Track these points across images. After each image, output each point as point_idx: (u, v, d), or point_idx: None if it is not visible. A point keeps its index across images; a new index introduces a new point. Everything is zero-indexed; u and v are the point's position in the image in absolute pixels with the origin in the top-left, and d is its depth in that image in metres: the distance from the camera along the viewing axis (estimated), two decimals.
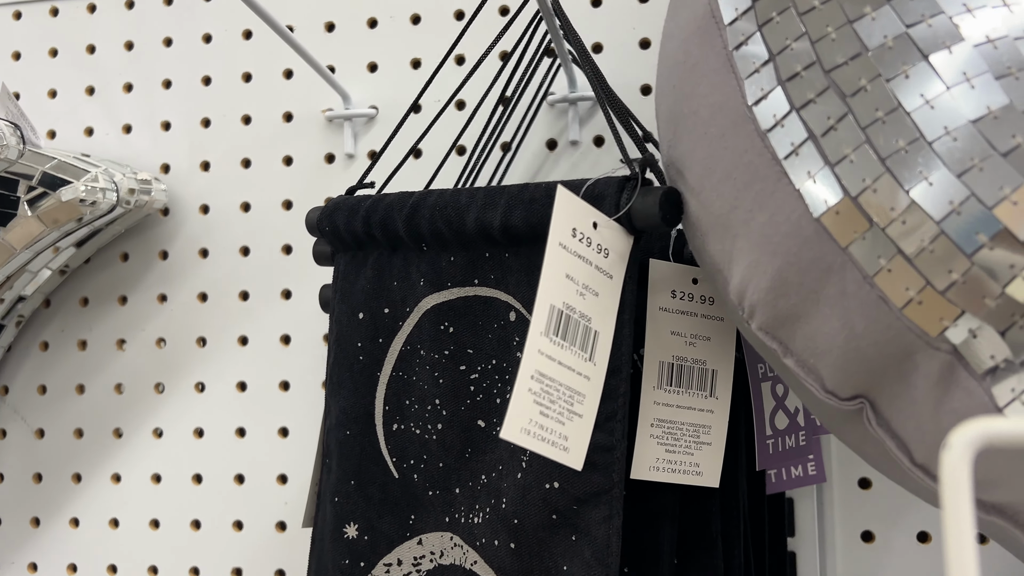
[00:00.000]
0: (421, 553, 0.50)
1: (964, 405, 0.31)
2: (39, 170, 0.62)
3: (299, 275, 0.72)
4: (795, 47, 0.34)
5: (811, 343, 0.35)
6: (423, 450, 0.50)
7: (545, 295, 0.38)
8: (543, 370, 0.38)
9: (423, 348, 0.51)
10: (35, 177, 0.62)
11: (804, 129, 0.33)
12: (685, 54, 0.39)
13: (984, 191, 0.29)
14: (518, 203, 0.46)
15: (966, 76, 0.31)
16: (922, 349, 0.31)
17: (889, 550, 0.61)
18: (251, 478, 0.71)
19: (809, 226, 0.33)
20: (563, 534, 0.43)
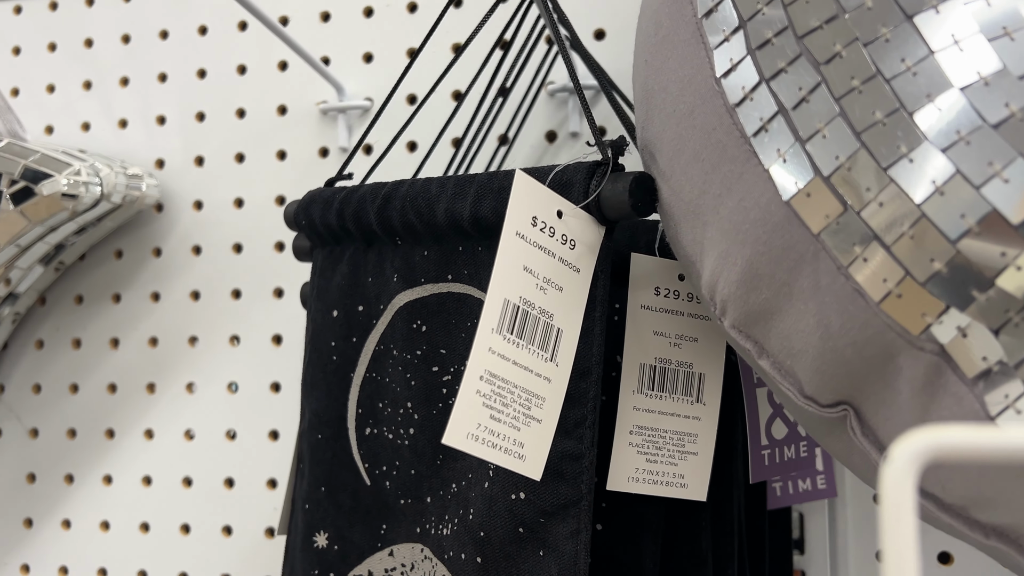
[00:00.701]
0: (392, 565, 0.47)
1: (953, 414, 0.27)
2: (21, 164, 0.61)
3: (291, 273, 0.69)
4: (767, 12, 0.30)
5: (786, 342, 0.31)
6: (395, 456, 0.48)
7: (498, 288, 0.34)
8: (494, 370, 0.34)
9: (395, 348, 0.48)
10: (17, 171, 0.61)
11: (774, 102, 0.29)
12: (656, 25, 0.36)
13: (971, 168, 0.25)
14: (487, 192, 0.43)
15: (954, 38, 0.27)
16: (905, 349, 0.28)
17: None
18: (240, 482, 0.69)
19: (779, 211, 0.29)
20: (530, 549, 0.40)
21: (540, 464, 0.36)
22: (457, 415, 0.33)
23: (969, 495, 0.29)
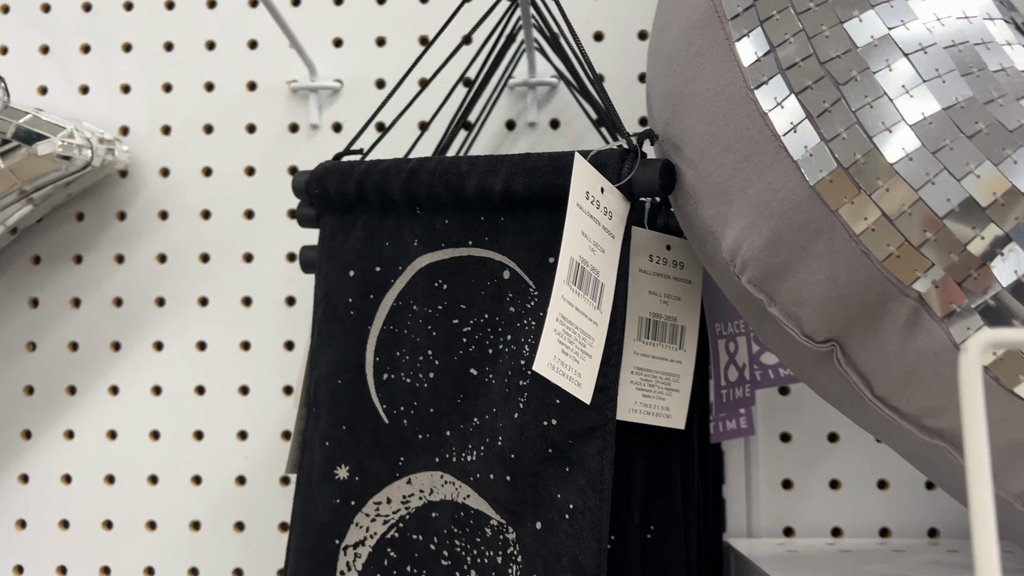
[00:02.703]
0: (410, 492, 0.54)
1: (926, 343, 0.38)
2: (13, 124, 0.63)
3: (261, 239, 0.74)
4: (793, 41, 0.40)
5: (796, 293, 0.41)
6: (414, 397, 0.55)
7: (568, 248, 0.43)
8: (565, 314, 0.43)
9: (416, 304, 0.55)
10: (9, 131, 0.62)
11: (802, 110, 0.39)
12: (687, 44, 0.45)
13: (954, 166, 0.36)
14: (520, 171, 0.50)
15: (938, 72, 0.37)
16: (895, 296, 0.38)
17: (805, 495, 0.69)
18: (210, 434, 0.73)
19: (804, 192, 0.39)
20: (557, 466, 0.48)
21: (590, 391, 0.45)
22: (543, 350, 0.41)
23: (925, 406, 0.40)
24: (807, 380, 0.46)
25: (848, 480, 0.68)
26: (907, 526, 0.68)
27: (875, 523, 0.68)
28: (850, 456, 0.69)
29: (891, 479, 0.68)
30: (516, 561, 0.50)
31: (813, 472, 0.69)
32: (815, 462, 0.69)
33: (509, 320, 0.52)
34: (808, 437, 0.69)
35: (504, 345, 0.52)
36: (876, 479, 0.68)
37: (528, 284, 0.51)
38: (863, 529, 0.68)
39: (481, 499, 0.51)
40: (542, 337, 0.41)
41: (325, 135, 0.74)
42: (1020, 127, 0.37)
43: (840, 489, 0.69)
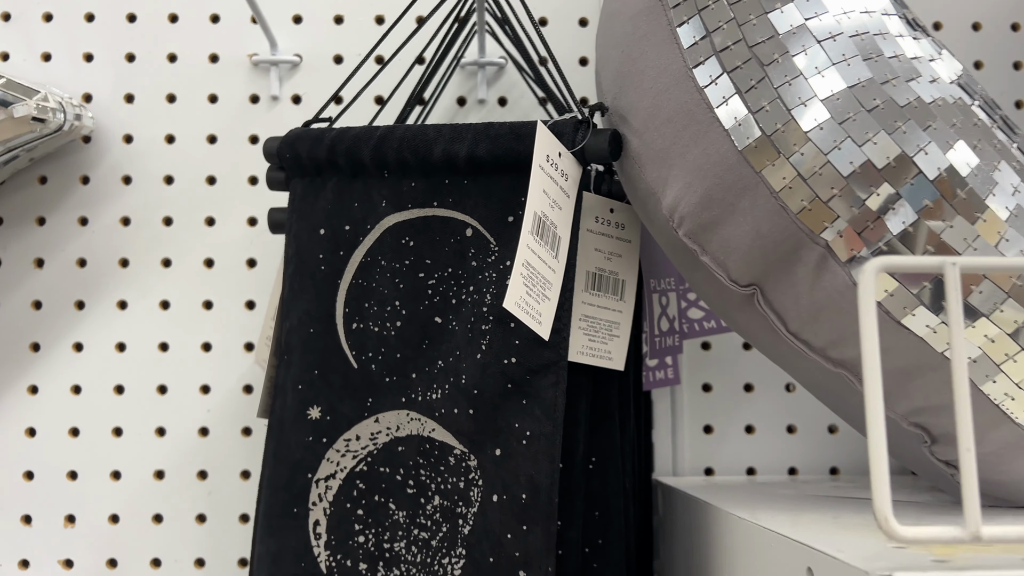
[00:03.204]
0: (378, 429, 0.60)
1: (831, 284, 0.46)
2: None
3: (223, 204, 0.78)
4: (726, 27, 0.47)
5: (725, 243, 0.48)
6: (381, 344, 0.60)
7: (532, 204, 0.49)
8: (530, 260, 0.49)
9: (383, 259, 0.60)
10: None
11: (733, 87, 0.46)
12: (634, 27, 0.51)
13: (856, 134, 0.44)
14: (484, 138, 0.56)
15: (844, 56, 0.45)
16: (806, 244, 0.46)
17: (723, 439, 0.77)
18: (173, 389, 0.77)
19: (733, 156, 0.46)
20: (516, 399, 0.55)
21: (548, 329, 0.51)
22: (511, 290, 0.47)
23: (830, 339, 0.48)
24: (731, 321, 0.53)
25: (761, 426, 0.77)
26: (813, 465, 0.76)
27: (785, 463, 0.77)
28: (763, 405, 0.77)
29: (799, 424, 0.77)
30: (477, 484, 0.56)
31: (731, 419, 0.77)
32: (732, 410, 0.77)
33: (471, 273, 0.58)
34: (727, 388, 0.77)
35: (467, 295, 0.58)
36: (786, 424, 0.77)
37: (489, 240, 0.57)
38: (774, 468, 0.76)
39: (445, 431, 0.57)
40: (511, 280, 0.48)
41: (285, 106, 0.79)
42: (908, 104, 0.44)
43: (754, 434, 0.77)
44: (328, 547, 0.60)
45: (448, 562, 0.56)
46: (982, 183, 0.44)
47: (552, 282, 0.51)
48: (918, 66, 0.46)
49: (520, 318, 0.49)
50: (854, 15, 0.46)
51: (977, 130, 0.46)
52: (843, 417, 0.56)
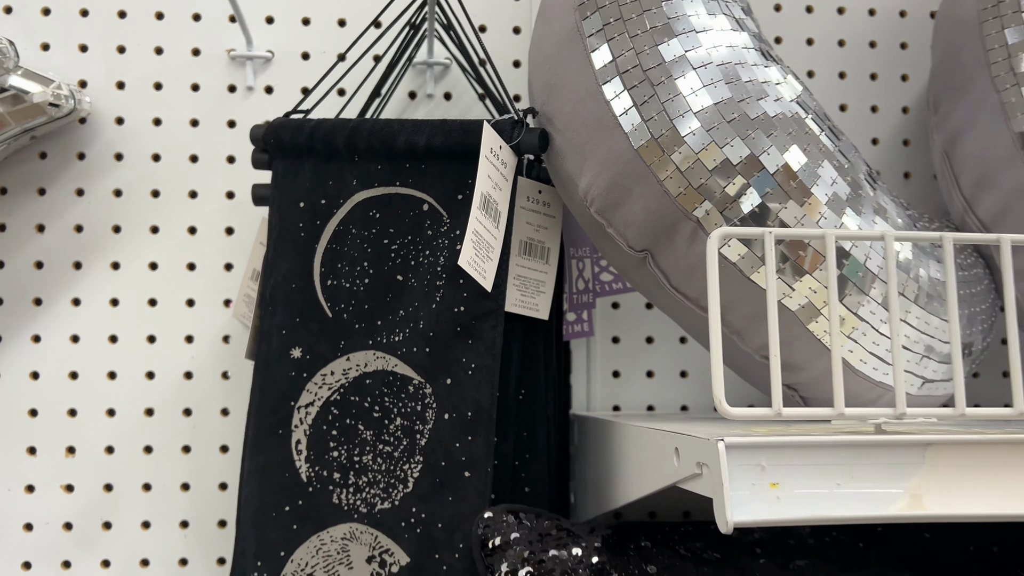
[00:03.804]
0: (349, 366, 0.74)
1: (701, 250, 0.62)
2: (8, 75, 0.77)
3: (204, 179, 0.90)
4: (627, 55, 0.62)
5: (624, 219, 0.64)
6: (352, 297, 0.74)
7: (480, 185, 0.64)
8: (478, 229, 0.64)
9: (354, 228, 0.74)
10: (6, 81, 0.76)
11: (631, 100, 0.62)
12: (559, 51, 0.66)
13: (719, 139, 0.59)
14: (440, 132, 0.71)
15: (712, 81, 0.61)
16: (683, 220, 0.62)
17: (629, 382, 0.93)
18: (161, 338, 0.89)
19: (630, 153, 0.62)
20: (463, 339, 0.69)
21: (491, 283, 0.66)
22: (464, 251, 0.62)
23: (700, 291, 0.64)
24: (630, 279, 0.69)
25: (660, 371, 0.93)
26: (701, 404, 0.93)
27: (678, 402, 0.93)
28: (662, 354, 0.93)
29: (690, 370, 0.93)
30: (432, 407, 0.71)
31: (635, 365, 0.93)
32: (636, 358, 0.93)
33: (427, 240, 0.72)
34: (632, 340, 0.93)
35: (423, 258, 0.72)
36: (680, 370, 0.93)
37: (442, 214, 0.72)
38: (669, 406, 0.93)
39: (406, 366, 0.72)
40: (463, 244, 0.62)
41: (259, 96, 0.91)
42: (757, 117, 0.60)
43: (654, 378, 0.93)
44: (308, 461, 0.74)
45: (408, 467, 0.71)
46: (808, 176, 0.60)
47: (494, 247, 0.66)
48: (767, 88, 0.62)
49: (471, 273, 0.63)
50: (721, 48, 0.62)
51: (808, 137, 0.62)
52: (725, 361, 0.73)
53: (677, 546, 0.69)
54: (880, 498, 0.49)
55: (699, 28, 0.63)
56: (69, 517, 0.87)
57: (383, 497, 0.71)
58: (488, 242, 0.65)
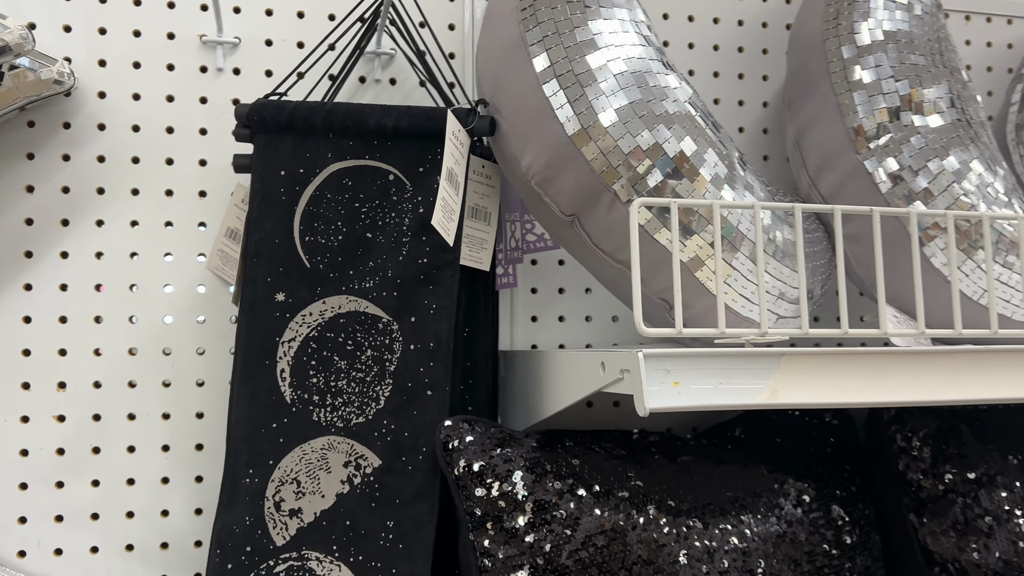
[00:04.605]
0: (325, 308, 0.90)
1: (617, 215, 0.81)
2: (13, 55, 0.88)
3: (179, 148, 1.03)
4: (562, 62, 0.80)
5: (558, 190, 0.82)
6: (327, 252, 0.90)
7: (446, 161, 0.80)
8: (444, 196, 0.80)
9: (329, 193, 0.90)
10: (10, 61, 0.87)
11: (565, 98, 0.79)
12: (505, 54, 0.83)
13: (633, 130, 0.78)
14: (406, 115, 0.87)
15: (627, 85, 0.79)
16: (604, 192, 0.80)
17: (544, 325, 1.12)
18: (141, 286, 1.02)
19: (564, 139, 0.80)
20: (426, 285, 0.86)
21: (452, 239, 0.83)
22: (436, 214, 0.79)
23: (615, 247, 0.83)
24: (559, 238, 0.87)
25: (569, 317, 1.12)
26: (601, 342, 1.13)
27: (583, 341, 1.13)
28: (570, 303, 1.12)
29: (593, 316, 1.13)
30: (399, 340, 0.87)
31: (549, 312, 1.12)
32: (550, 306, 1.12)
33: (392, 204, 0.88)
34: (547, 290, 1.12)
35: (390, 219, 0.88)
36: (584, 316, 1.13)
37: (406, 183, 0.88)
38: (576, 345, 1.12)
39: (376, 307, 0.88)
40: (435, 208, 0.79)
41: (227, 76, 1.04)
42: (661, 114, 0.79)
43: (564, 322, 1.12)
44: (291, 387, 0.89)
45: (380, 389, 0.88)
46: (697, 160, 0.80)
47: (455, 210, 0.83)
48: (667, 91, 0.82)
49: (439, 231, 0.80)
50: (633, 60, 0.81)
51: (697, 130, 0.82)
52: (621, 298, 0.92)
53: (593, 446, 0.89)
54: (749, 391, 0.69)
55: (616, 43, 0.81)
56: (61, 444, 0.99)
57: (358, 414, 0.88)
58: (451, 207, 0.82)
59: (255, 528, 0.87)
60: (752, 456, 0.96)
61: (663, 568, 0.81)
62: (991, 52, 1.30)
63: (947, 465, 0.98)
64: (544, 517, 0.80)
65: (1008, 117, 1.18)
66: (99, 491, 1.00)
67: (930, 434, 0.99)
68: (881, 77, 0.94)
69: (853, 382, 0.71)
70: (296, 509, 0.87)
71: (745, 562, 0.85)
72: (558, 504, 0.81)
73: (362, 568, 0.85)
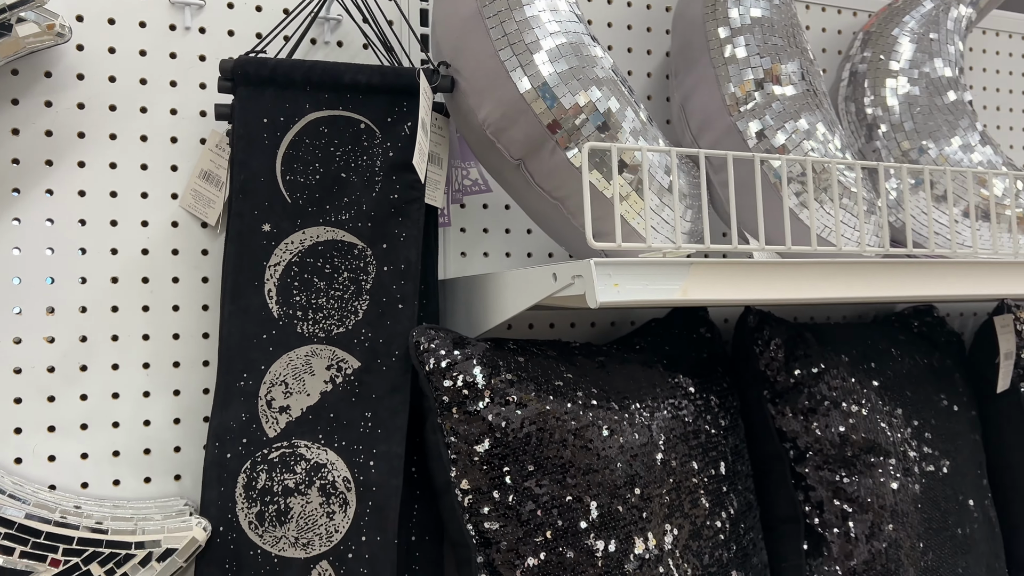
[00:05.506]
0: (304, 237, 1.05)
1: (558, 159, 1.01)
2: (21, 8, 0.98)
3: (152, 98, 1.15)
4: (512, 33, 0.99)
5: (511, 139, 1.01)
6: (305, 189, 1.05)
7: (421, 113, 0.98)
8: (420, 141, 0.98)
9: (307, 138, 1.05)
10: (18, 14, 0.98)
11: (517, 62, 0.99)
12: (464, 24, 1.02)
13: (571, 90, 0.98)
14: (377, 73, 1.04)
15: (564, 54, 0.99)
16: (548, 140, 1.00)
17: (471, 260, 1.31)
18: (122, 222, 1.13)
19: (517, 96, 0.99)
20: (395, 216, 1.04)
21: (423, 175, 1.01)
22: (416, 155, 0.96)
23: (554, 185, 1.03)
24: (504, 179, 1.07)
25: (492, 253, 1.32)
26: None
27: None
28: (494, 240, 1.31)
29: (512, 252, 1.33)
30: (373, 263, 1.04)
31: (476, 248, 1.31)
32: (477, 243, 1.31)
33: (364, 149, 1.05)
34: (474, 230, 1.30)
35: (362, 162, 1.05)
36: (504, 252, 1.32)
37: (376, 131, 1.05)
38: None
39: (353, 236, 1.05)
40: (415, 149, 0.97)
41: (194, 35, 1.17)
42: (593, 78, 1.00)
43: (489, 257, 1.32)
44: (277, 304, 1.05)
45: (357, 304, 1.05)
46: (620, 116, 1.01)
47: (425, 152, 1.01)
48: (596, 60, 1.02)
49: (417, 169, 0.98)
50: (569, 34, 1.01)
51: (619, 92, 1.03)
52: (554, 236, 1.13)
53: (532, 348, 1.09)
54: (668, 290, 0.91)
55: (556, 20, 1.01)
56: (51, 362, 1.10)
57: (339, 325, 1.05)
58: (424, 150, 1.00)
59: (250, 423, 1.03)
60: (651, 360, 1.20)
61: (591, 438, 1.03)
62: (825, 37, 1.58)
63: (796, 363, 1.24)
64: (499, 401, 1.00)
65: (839, 91, 1.46)
66: (87, 404, 1.11)
67: (783, 340, 1.25)
68: (749, 54, 1.18)
69: (741, 284, 0.95)
70: (285, 406, 1.03)
71: (651, 435, 1.08)
72: (509, 391, 1.01)
73: (346, 451, 1.03)
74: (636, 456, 1.05)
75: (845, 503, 1.18)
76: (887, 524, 1.18)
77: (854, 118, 1.42)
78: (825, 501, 1.18)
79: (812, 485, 1.20)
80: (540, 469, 0.99)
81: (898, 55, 1.40)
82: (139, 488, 1.13)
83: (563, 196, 1.04)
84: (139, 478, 1.13)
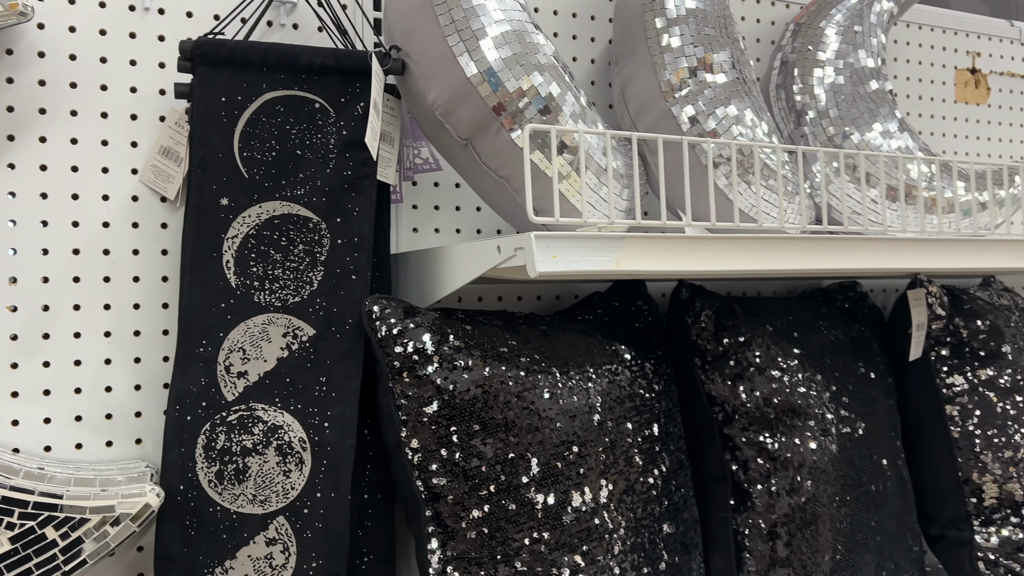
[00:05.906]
0: (261, 211, 1.11)
1: (502, 139, 1.08)
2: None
3: (112, 76, 1.19)
4: (460, 20, 1.06)
5: (457, 119, 1.08)
6: (262, 165, 1.11)
7: (373, 94, 1.04)
8: (372, 121, 1.04)
9: (264, 116, 1.11)
10: None
11: (464, 47, 1.05)
12: (414, 10, 1.08)
13: (515, 75, 1.05)
14: (332, 56, 1.09)
15: (509, 41, 1.06)
16: (494, 121, 1.07)
17: (422, 237, 1.37)
18: (83, 193, 1.17)
19: (464, 80, 1.05)
20: (349, 191, 1.10)
21: (376, 152, 1.07)
22: (368, 134, 1.02)
23: (499, 163, 1.10)
24: (452, 158, 1.13)
25: (443, 229, 1.38)
26: None
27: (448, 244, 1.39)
28: (445, 217, 1.38)
29: (462, 228, 1.39)
30: (327, 236, 1.10)
31: (427, 225, 1.37)
32: (428, 220, 1.37)
33: (318, 128, 1.11)
34: (425, 207, 1.37)
35: (316, 140, 1.11)
36: (455, 228, 1.39)
37: (330, 111, 1.11)
38: None
39: (308, 210, 1.10)
40: (367, 128, 1.03)
41: (153, 15, 1.21)
42: (536, 64, 1.07)
43: (440, 233, 1.38)
44: (235, 274, 1.10)
45: (312, 274, 1.11)
46: (561, 100, 1.08)
47: (377, 131, 1.07)
48: (539, 47, 1.09)
49: (369, 147, 1.04)
50: (514, 22, 1.08)
51: (560, 77, 1.10)
52: (501, 213, 1.19)
53: (479, 317, 1.16)
54: (602, 262, 0.99)
55: (503, 8, 1.08)
56: (15, 331, 1.14)
57: (294, 295, 1.10)
58: (376, 130, 1.06)
59: (209, 388, 1.08)
60: (591, 329, 1.28)
61: (532, 401, 1.10)
62: (760, 27, 1.67)
63: (725, 333, 1.33)
64: (447, 366, 1.07)
65: (771, 79, 1.55)
66: (50, 371, 1.16)
67: (713, 311, 1.34)
68: (684, 43, 1.26)
69: (670, 257, 1.03)
70: (243, 372, 1.09)
71: (589, 398, 1.16)
72: (456, 356, 1.08)
73: (301, 414, 1.09)
74: (574, 417, 1.12)
75: (768, 461, 1.27)
76: (806, 480, 1.27)
77: (784, 105, 1.51)
78: (750, 460, 1.28)
79: (739, 445, 1.29)
80: (485, 429, 1.06)
81: (825, 46, 1.49)
82: (101, 451, 1.18)
83: (508, 175, 1.11)
84: (101, 442, 1.18)
